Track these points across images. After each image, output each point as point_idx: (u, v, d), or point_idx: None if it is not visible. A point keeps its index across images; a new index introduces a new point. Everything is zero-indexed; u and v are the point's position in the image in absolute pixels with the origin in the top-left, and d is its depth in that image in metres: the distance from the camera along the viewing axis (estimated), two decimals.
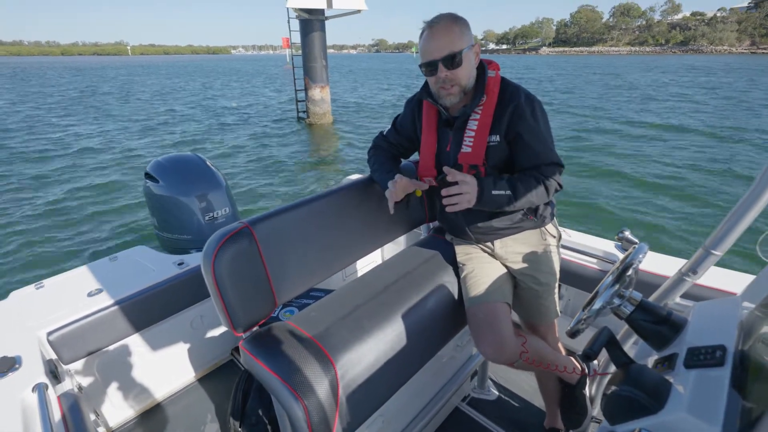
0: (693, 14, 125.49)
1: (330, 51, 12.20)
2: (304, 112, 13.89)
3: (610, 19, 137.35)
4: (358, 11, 12.03)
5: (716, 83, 25.25)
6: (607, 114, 14.64)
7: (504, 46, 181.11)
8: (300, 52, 12.89)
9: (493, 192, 1.13)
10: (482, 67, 1.22)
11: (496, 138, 1.18)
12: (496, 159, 1.20)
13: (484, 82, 1.19)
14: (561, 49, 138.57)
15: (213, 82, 33.31)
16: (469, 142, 1.20)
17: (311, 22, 12.02)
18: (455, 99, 1.18)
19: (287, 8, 11.78)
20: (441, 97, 1.20)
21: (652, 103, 16.89)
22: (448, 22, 1.12)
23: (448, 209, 1.13)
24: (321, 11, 11.91)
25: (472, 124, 1.19)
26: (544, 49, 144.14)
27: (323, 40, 12.49)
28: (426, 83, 1.25)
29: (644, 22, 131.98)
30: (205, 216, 2.33)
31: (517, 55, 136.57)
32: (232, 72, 50.43)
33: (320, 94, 13.16)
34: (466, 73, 1.15)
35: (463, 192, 1.11)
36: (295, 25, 12.55)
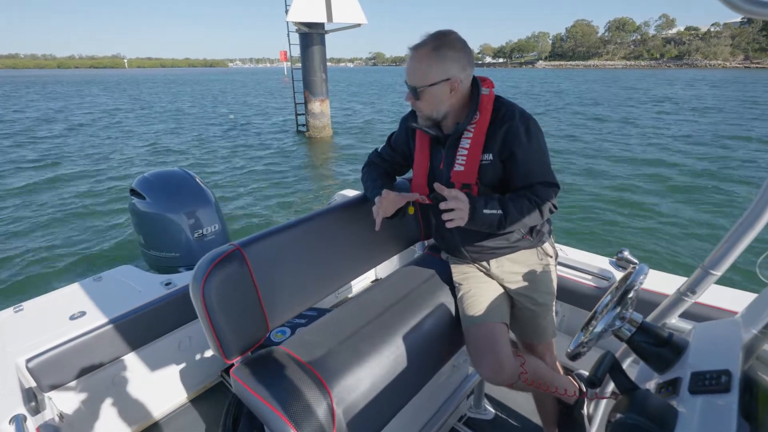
0: (687, 29, 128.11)
1: (327, 64, 12.20)
2: (303, 125, 13.86)
3: (606, 34, 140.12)
4: (358, 25, 12.07)
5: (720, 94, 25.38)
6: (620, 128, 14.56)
7: (500, 60, 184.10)
8: (298, 65, 12.91)
9: (485, 211, 1.10)
10: (476, 85, 1.19)
11: (489, 157, 1.16)
12: (489, 178, 1.19)
13: (477, 99, 1.17)
14: (557, 62, 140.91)
15: (209, 94, 33.43)
16: (462, 161, 1.18)
17: (311, 35, 12.03)
18: (422, 122, 1.21)
19: (287, 22, 11.79)
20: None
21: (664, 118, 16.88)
22: (427, 52, 1.10)
23: (447, 224, 1.11)
24: (321, 25, 11.93)
25: (465, 143, 1.18)
26: (541, 63, 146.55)
27: (323, 53, 12.51)
28: None
29: (639, 37, 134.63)
30: (194, 233, 2.26)
31: (513, 68, 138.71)
32: (235, 84, 50.80)
33: (320, 107, 13.12)
34: (428, 106, 1.16)
35: (455, 208, 1.08)
36: (295, 38, 12.56)
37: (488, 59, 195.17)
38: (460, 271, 1.39)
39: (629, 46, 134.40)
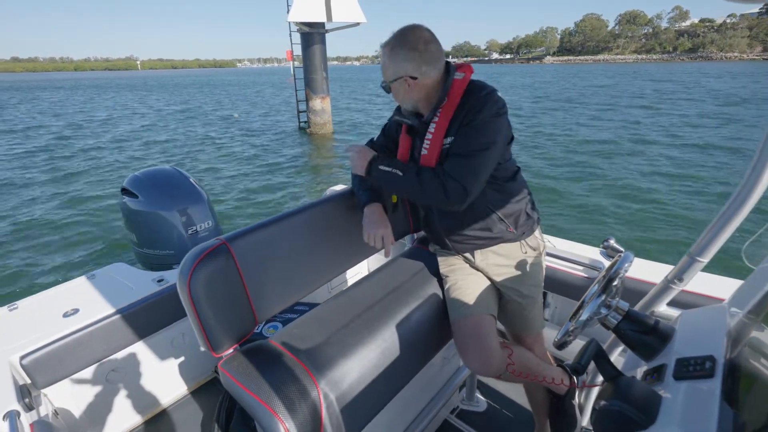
0: (702, 21, 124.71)
1: (334, 63, 12.38)
2: (305, 122, 14.13)
3: (616, 27, 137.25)
4: (358, 24, 12.25)
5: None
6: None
7: (507, 56, 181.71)
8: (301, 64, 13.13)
9: (381, 167, 1.19)
10: (449, 70, 1.18)
11: (450, 140, 1.15)
12: None
13: (447, 86, 1.16)
14: (565, 58, 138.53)
15: (216, 94, 33.86)
16: (427, 145, 1.20)
17: (312, 35, 12.29)
18: (407, 106, 1.24)
19: (289, 22, 12.06)
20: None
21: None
22: (386, 50, 1.16)
23: (353, 169, 1.24)
24: (321, 24, 12.17)
25: (432, 127, 1.19)
26: (548, 58, 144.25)
27: (323, 52, 12.76)
28: None
29: (651, 30, 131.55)
30: (188, 230, 2.29)
31: (521, 64, 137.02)
32: (242, 85, 51.15)
33: (321, 104, 13.38)
34: (399, 99, 1.23)
35: (351, 156, 1.26)
36: (297, 38, 12.82)
37: (495, 55, 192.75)
38: (446, 264, 1.38)
39: (640, 40, 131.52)
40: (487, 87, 1.14)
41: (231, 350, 1.08)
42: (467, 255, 1.34)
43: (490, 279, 1.33)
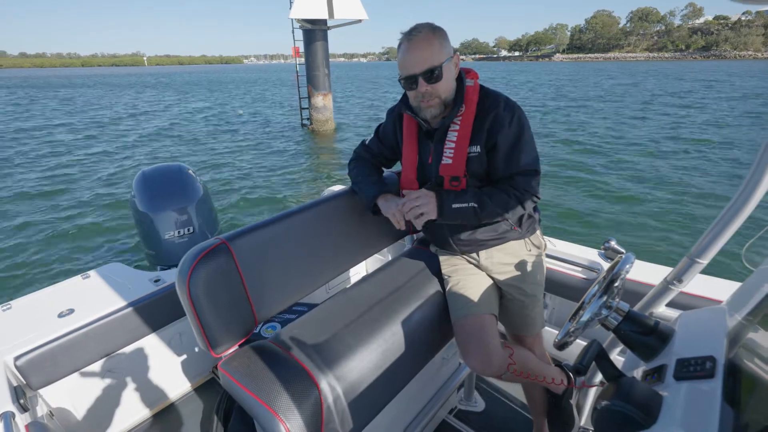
0: (716, 18, 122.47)
1: (340, 59, 12.41)
2: (307, 119, 14.14)
3: (628, 25, 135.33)
4: (360, 21, 12.22)
5: None
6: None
7: (516, 53, 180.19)
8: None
9: (454, 205, 1.13)
10: (460, 77, 1.20)
11: (477, 149, 1.16)
12: (477, 170, 1.18)
13: (462, 91, 1.17)
14: (575, 55, 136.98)
15: (219, 92, 34.02)
16: (450, 154, 1.18)
17: (314, 32, 12.27)
18: (436, 111, 1.17)
19: (291, 19, 12.04)
20: (421, 110, 1.18)
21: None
22: (427, 34, 1.09)
23: (415, 222, 1.17)
24: (323, 21, 12.14)
25: (452, 135, 1.18)
26: (558, 56, 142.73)
27: (326, 49, 12.73)
28: (405, 95, 1.25)
29: (663, 27, 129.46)
30: (182, 230, 2.30)
31: (529, 62, 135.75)
32: (248, 83, 51.19)
33: (323, 101, 13.36)
34: (447, 86, 1.14)
35: (418, 204, 1.14)
36: (300, 35, 12.81)
37: (504, 52, 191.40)
38: (449, 264, 1.38)
39: (652, 38, 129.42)
40: (500, 95, 1.17)
41: (230, 350, 1.08)
42: (472, 255, 1.34)
43: (492, 278, 1.34)
